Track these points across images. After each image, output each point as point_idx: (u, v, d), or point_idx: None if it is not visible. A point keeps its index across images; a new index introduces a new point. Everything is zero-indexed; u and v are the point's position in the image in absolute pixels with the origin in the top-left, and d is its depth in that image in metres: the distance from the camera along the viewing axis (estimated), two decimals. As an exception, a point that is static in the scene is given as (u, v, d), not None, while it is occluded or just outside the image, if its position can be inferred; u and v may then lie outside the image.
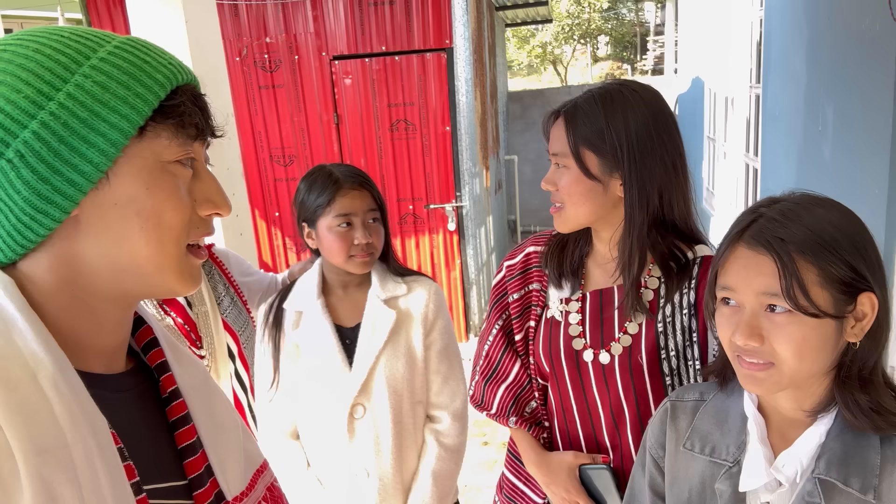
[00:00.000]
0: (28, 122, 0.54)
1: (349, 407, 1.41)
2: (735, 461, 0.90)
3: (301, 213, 1.44)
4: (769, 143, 3.60)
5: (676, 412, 0.99)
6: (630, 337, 1.17)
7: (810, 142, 2.75)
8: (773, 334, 0.80)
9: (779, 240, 0.79)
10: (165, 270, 0.62)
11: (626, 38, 23.74)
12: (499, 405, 1.31)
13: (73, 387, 0.55)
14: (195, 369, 0.74)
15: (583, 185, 1.13)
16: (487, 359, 1.34)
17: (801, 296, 0.77)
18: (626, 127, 1.10)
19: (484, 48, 5.15)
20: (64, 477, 0.52)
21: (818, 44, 2.67)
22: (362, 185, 1.42)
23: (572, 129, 1.12)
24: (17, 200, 0.55)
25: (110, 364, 0.65)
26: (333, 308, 1.47)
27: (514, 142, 8.07)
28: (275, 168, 4.41)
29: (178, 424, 0.68)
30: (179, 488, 0.66)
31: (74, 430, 0.53)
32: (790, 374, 0.81)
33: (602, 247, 1.23)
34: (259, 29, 4.19)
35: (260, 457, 0.79)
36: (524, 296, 1.30)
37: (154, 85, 0.59)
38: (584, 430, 1.25)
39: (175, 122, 0.60)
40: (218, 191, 0.66)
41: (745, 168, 4.43)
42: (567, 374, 1.22)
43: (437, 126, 4.21)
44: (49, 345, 0.55)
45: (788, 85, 3.12)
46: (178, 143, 0.61)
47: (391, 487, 1.43)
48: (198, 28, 2.04)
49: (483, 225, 4.74)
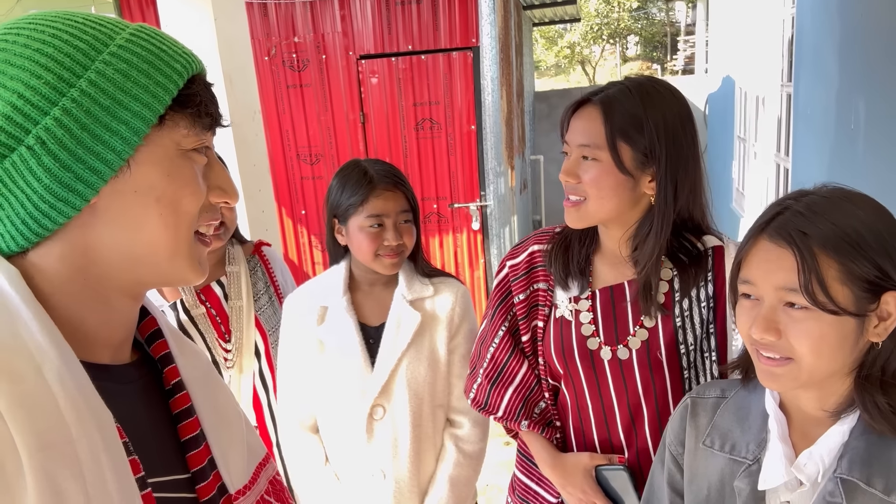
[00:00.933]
0: (49, 108, 0.54)
1: (369, 408, 1.40)
2: (755, 459, 0.88)
3: (333, 208, 1.43)
4: (800, 143, 3.53)
5: (697, 409, 0.98)
6: (647, 331, 1.15)
7: (842, 140, 2.69)
8: (791, 329, 0.79)
9: (801, 234, 0.77)
10: (178, 257, 0.63)
11: (656, 37, 23.44)
12: (506, 408, 1.28)
13: (78, 380, 0.55)
14: (198, 361, 0.74)
15: (613, 179, 1.09)
16: (493, 361, 1.30)
17: (820, 292, 0.75)
18: (664, 120, 1.07)
19: (511, 47, 5.13)
20: (69, 472, 0.51)
21: (851, 41, 2.61)
22: (396, 185, 1.39)
23: (610, 120, 1.07)
24: (36, 188, 0.54)
25: (117, 355, 0.65)
26: (359, 305, 1.46)
27: (540, 142, 8.02)
28: (301, 166, 4.45)
29: (182, 417, 0.68)
30: (182, 481, 0.65)
31: (80, 424, 0.53)
32: (808, 371, 0.79)
33: (611, 244, 1.19)
34: (288, 28, 4.24)
35: (262, 449, 0.79)
36: (530, 295, 1.27)
37: (173, 73, 0.59)
38: (598, 428, 1.22)
39: (193, 111, 0.61)
40: (228, 179, 0.68)
41: (775, 168, 4.35)
42: (582, 374, 1.20)
43: (462, 125, 4.21)
44: (55, 337, 0.55)
45: (820, 83, 3.06)
46: (195, 132, 0.62)
47: (407, 490, 1.42)
48: (226, 26, 2.07)
49: (507, 224, 4.72)
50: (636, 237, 1.14)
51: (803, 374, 0.80)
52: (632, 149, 1.08)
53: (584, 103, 1.13)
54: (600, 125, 1.08)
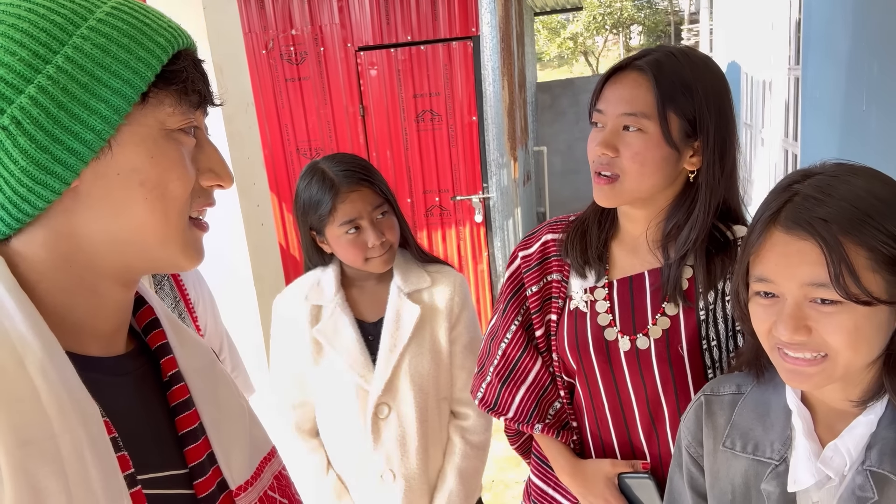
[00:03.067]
0: (24, 86, 0.51)
1: (373, 407, 1.34)
2: (781, 459, 0.82)
3: (305, 222, 1.36)
4: (809, 126, 3.46)
5: (712, 407, 0.91)
6: (668, 319, 1.06)
7: (853, 122, 2.62)
8: (822, 324, 0.72)
9: (821, 221, 0.70)
10: (170, 243, 0.59)
11: (659, 26, 23.26)
12: (518, 409, 1.20)
13: (62, 373, 0.52)
14: (199, 352, 0.71)
15: (659, 152, 0.98)
16: (504, 358, 1.22)
17: (852, 283, 0.69)
18: (712, 87, 0.99)
19: (512, 37, 5.06)
20: (49, 469, 0.48)
21: (862, 20, 2.54)
22: (361, 182, 1.30)
23: (660, 85, 0.97)
24: (13, 171, 0.52)
25: (109, 346, 0.62)
26: (354, 302, 1.40)
27: (543, 133, 7.95)
28: (301, 161, 4.40)
29: (179, 409, 0.64)
30: (179, 477, 0.62)
31: (62, 419, 0.50)
32: (844, 366, 0.73)
33: (634, 228, 1.10)
34: (285, 21, 4.18)
35: (267, 443, 0.75)
36: (543, 287, 1.19)
37: (156, 48, 0.56)
38: (616, 428, 1.14)
39: (178, 87, 0.57)
40: (220, 161, 0.63)
41: (783, 154, 4.27)
42: (597, 368, 1.12)
43: (463, 116, 4.14)
44: (39, 328, 0.52)
45: (830, 64, 2.99)
46: (181, 111, 0.58)
47: (417, 488, 1.38)
48: (216, 14, 2.01)
49: (511, 217, 4.66)
50: (670, 219, 1.05)
51: (838, 370, 0.74)
52: (679, 119, 0.98)
53: (623, 68, 1.03)
54: (648, 91, 0.98)
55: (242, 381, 1.56)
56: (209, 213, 0.68)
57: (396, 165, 4.28)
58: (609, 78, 1.04)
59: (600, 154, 1.01)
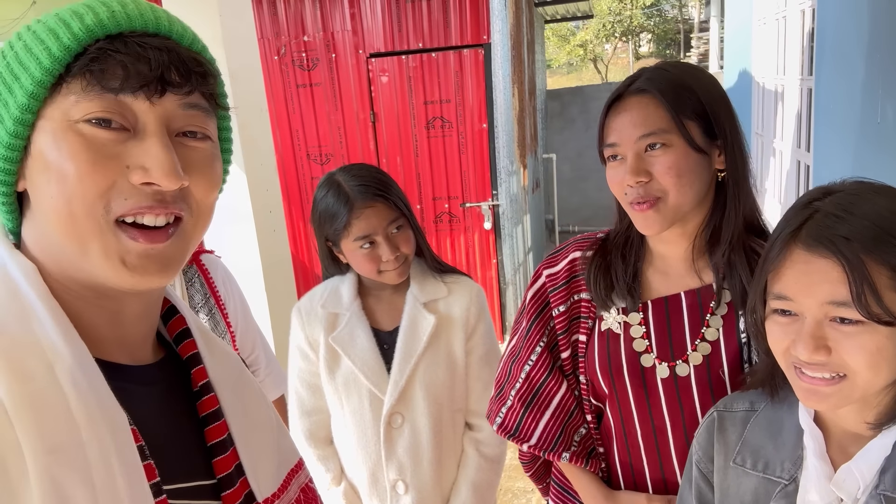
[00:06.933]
0: None
1: (387, 416, 1.34)
2: (791, 478, 0.81)
3: (321, 233, 1.36)
4: (822, 138, 3.43)
5: (724, 423, 0.90)
6: (709, 345, 1.02)
7: (867, 135, 2.61)
8: (842, 345, 0.71)
9: (843, 239, 0.69)
10: (89, 252, 0.54)
11: (669, 34, 23.25)
12: (542, 436, 1.14)
13: (91, 380, 0.52)
14: (229, 362, 0.70)
15: (692, 160, 0.97)
16: (528, 381, 1.16)
17: (874, 303, 0.68)
18: (708, 84, 1.00)
19: (522, 44, 5.07)
20: (77, 477, 0.48)
21: (877, 32, 2.52)
22: (376, 197, 1.29)
23: (667, 98, 0.97)
24: None
25: (136, 355, 0.61)
26: (371, 310, 1.40)
27: (552, 140, 7.94)
28: (312, 167, 4.42)
29: (209, 420, 0.64)
30: (206, 488, 0.61)
31: (90, 426, 0.50)
32: (863, 388, 0.72)
33: (669, 250, 1.07)
34: (297, 27, 4.20)
35: (295, 455, 0.75)
36: (571, 307, 1.15)
37: (66, 36, 0.52)
38: (648, 455, 1.08)
39: (87, 75, 0.52)
40: (156, 156, 0.53)
41: (795, 164, 4.25)
42: (631, 393, 1.07)
43: (473, 123, 4.15)
44: (69, 335, 0.52)
45: (843, 76, 2.97)
46: (88, 99, 0.52)
47: (429, 501, 1.37)
48: (232, 23, 2.03)
49: (520, 224, 4.66)
50: (709, 226, 1.03)
51: (857, 392, 0.73)
52: (696, 123, 0.98)
53: (620, 97, 1.02)
54: (658, 107, 0.97)
55: (275, 379, 1.57)
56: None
57: (406, 172, 4.28)
58: (609, 110, 1.03)
59: (634, 184, 0.98)
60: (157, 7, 0.58)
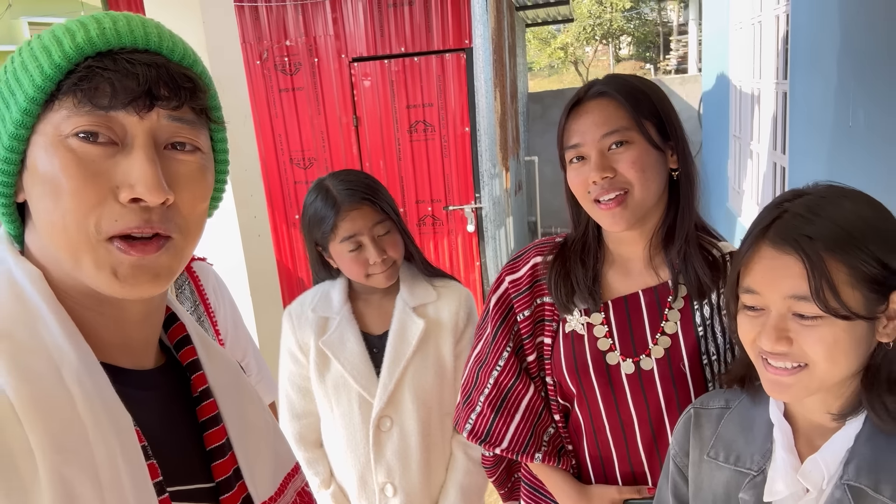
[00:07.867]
0: None
1: (375, 419, 1.35)
2: (759, 470, 0.85)
3: (311, 238, 1.38)
4: (797, 140, 3.51)
5: (700, 419, 0.95)
6: (668, 338, 1.08)
7: (840, 138, 2.67)
8: (803, 336, 0.76)
9: (806, 238, 0.75)
10: (82, 263, 0.55)
11: (648, 37, 23.48)
12: (513, 439, 1.18)
13: (97, 383, 0.53)
14: (228, 368, 0.72)
15: (652, 156, 1.04)
16: (497, 387, 1.19)
17: (832, 297, 0.73)
18: (656, 91, 1.08)
19: (504, 48, 5.11)
20: (84, 476, 0.50)
21: (848, 37, 2.59)
22: (363, 200, 1.31)
23: (626, 99, 1.04)
24: None
25: (137, 360, 0.63)
26: (360, 314, 1.42)
27: (534, 143, 8.00)
28: (295, 171, 4.42)
29: (208, 425, 0.66)
30: (205, 491, 0.63)
31: (97, 427, 0.51)
32: (821, 378, 0.77)
33: (627, 250, 1.13)
34: (279, 32, 4.20)
35: (291, 460, 0.77)
36: (535, 311, 1.19)
37: (56, 53, 0.54)
38: (617, 448, 1.14)
39: (77, 91, 0.53)
40: (142, 172, 0.54)
41: (772, 166, 4.33)
42: (598, 391, 1.12)
43: (456, 127, 4.18)
44: (75, 339, 0.54)
45: (817, 80, 3.04)
46: (78, 115, 0.53)
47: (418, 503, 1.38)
48: (215, 29, 2.04)
49: (503, 226, 4.69)
50: (664, 224, 1.10)
51: (815, 382, 0.78)
52: (652, 123, 1.05)
53: (579, 102, 1.08)
54: (619, 108, 1.04)
55: (266, 386, 1.58)
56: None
57: (389, 175, 4.30)
58: (569, 115, 1.08)
59: (600, 179, 1.03)
60: (149, 22, 0.59)
